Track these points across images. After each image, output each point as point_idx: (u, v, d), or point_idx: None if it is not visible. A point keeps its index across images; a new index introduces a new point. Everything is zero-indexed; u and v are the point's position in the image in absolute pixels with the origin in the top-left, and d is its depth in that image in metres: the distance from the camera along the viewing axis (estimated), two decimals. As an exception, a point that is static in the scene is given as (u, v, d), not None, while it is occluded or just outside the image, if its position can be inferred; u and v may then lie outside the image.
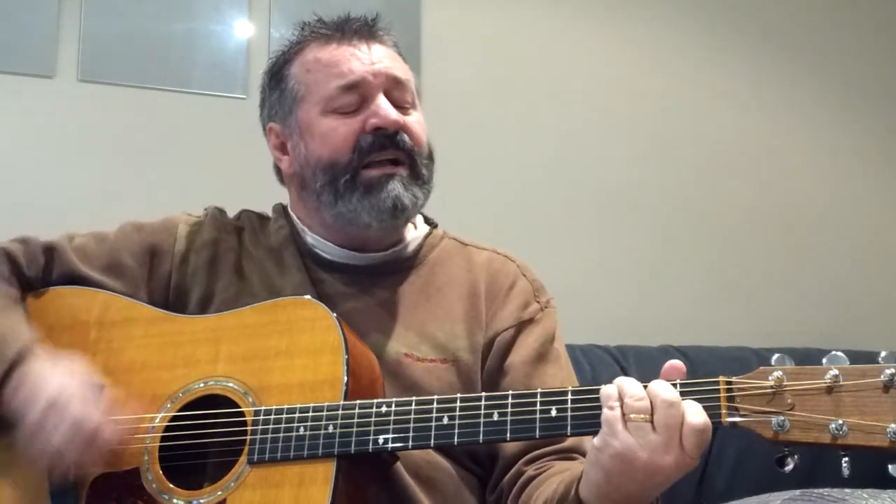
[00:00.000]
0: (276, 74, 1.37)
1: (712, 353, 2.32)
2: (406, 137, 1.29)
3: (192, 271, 1.34)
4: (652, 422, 0.94)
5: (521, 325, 1.32)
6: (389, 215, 1.27)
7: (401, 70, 1.33)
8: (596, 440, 0.98)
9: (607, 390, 0.98)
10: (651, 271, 2.71)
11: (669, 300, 2.69)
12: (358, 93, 1.29)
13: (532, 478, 1.20)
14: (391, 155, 1.28)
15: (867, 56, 3.07)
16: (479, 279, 1.35)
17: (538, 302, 1.36)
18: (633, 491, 0.97)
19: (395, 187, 1.27)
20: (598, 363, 2.18)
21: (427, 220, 1.45)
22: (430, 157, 1.34)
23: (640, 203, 2.74)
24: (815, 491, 1.37)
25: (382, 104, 1.28)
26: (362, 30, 1.33)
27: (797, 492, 1.40)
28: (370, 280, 1.33)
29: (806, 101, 2.99)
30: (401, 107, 1.31)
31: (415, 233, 1.40)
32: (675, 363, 1.00)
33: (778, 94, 2.96)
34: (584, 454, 1.23)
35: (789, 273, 2.85)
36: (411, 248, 1.37)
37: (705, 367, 2.25)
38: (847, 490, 1.35)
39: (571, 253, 2.62)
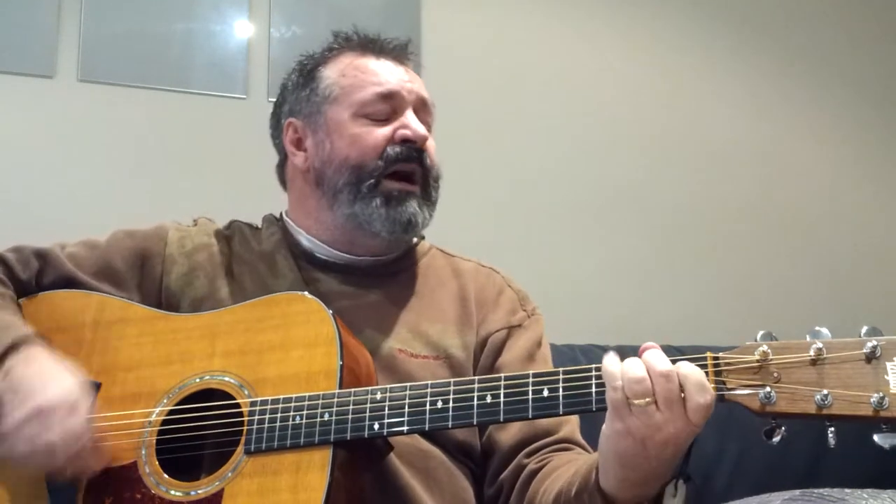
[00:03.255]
0: (308, 73, 1.42)
1: (712, 354, 2.31)
2: (427, 157, 1.36)
3: (183, 275, 1.36)
4: (655, 402, 0.95)
5: (512, 329, 1.38)
6: (402, 229, 1.33)
7: (427, 95, 1.41)
8: (605, 426, 1.00)
9: (610, 369, 0.98)
10: (651, 271, 2.71)
11: (669, 300, 2.69)
12: (391, 103, 1.36)
13: (535, 471, 1.23)
14: (413, 168, 1.34)
15: (868, 55, 3.07)
16: (468, 285, 1.41)
17: (524, 310, 1.42)
18: (649, 469, 0.99)
19: (413, 205, 1.33)
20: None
21: None
22: (438, 181, 1.40)
23: (641, 203, 2.74)
24: (815, 491, 1.37)
25: (412, 118, 1.35)
26: (397, 50, 1.42)
27: (797, 492, 1.40)
28: (363, 281, 1.37)
29: (806, 102, 2.99)
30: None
31: None
32: (649, 346, 1.01)
33: (778, 95, 2.95)
34: (579, 445, 1.28)
35: (790, 273, 2.85)
36: (402, 254, 1.42)
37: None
38: (847, 490, 1.35)
39: (572, 253, 2.62)
